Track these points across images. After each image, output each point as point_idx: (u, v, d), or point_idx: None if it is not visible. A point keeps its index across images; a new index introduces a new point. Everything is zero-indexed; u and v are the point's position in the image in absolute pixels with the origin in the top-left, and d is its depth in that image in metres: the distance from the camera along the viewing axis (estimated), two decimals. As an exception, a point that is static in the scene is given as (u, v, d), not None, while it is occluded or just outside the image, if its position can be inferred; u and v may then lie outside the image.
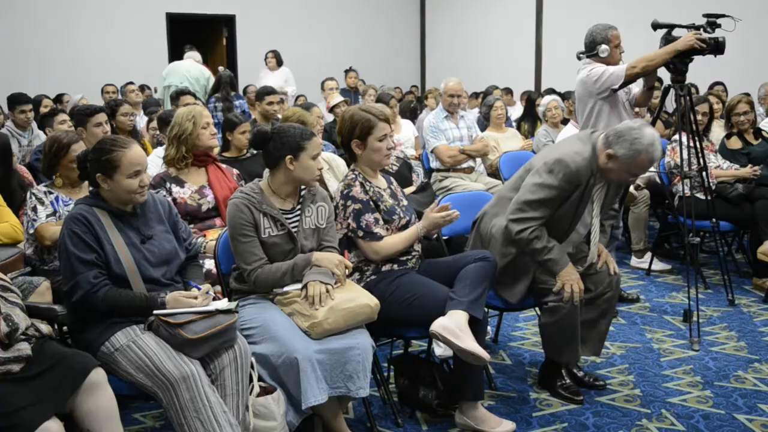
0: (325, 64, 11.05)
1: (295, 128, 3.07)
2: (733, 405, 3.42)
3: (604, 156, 3.28)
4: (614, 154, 3.24)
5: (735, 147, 5.60)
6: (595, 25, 4.62)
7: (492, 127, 6.71)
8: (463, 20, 13.09)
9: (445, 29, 13.57)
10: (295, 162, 2.99)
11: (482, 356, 2.94)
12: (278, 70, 9.88)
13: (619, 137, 3.24)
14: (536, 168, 3.38)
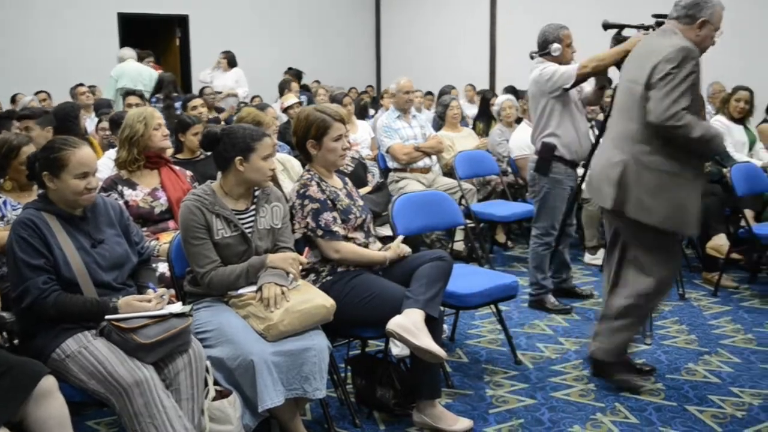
0: (280, 64, 10.99)
1: (245, 129, 3.05)
2: (684, 397, 3.49)
3: (696, 29, 3.29)
4: (706, 19, 3.28)
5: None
6: (547, 25, 4.67)
7: (447, 126, 6.75)
8: (417, 20, 13.14)
9: (400, 29, 13.60)
10: (245, 163, 2.98)
11: (439, 354, 2.96)
12: (230, 71, 9.81)
13: (691, 6, 3.29)
14: (656, 68, 3.19)
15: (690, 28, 3.33)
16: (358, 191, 3.58)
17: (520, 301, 4.81)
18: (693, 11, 3.32)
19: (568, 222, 4.79)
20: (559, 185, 4.56)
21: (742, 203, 5.21)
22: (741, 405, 3.40)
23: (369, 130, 6.65)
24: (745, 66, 8.05)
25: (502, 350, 4.07)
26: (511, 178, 6.48)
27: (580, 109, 4.66)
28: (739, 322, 4.51)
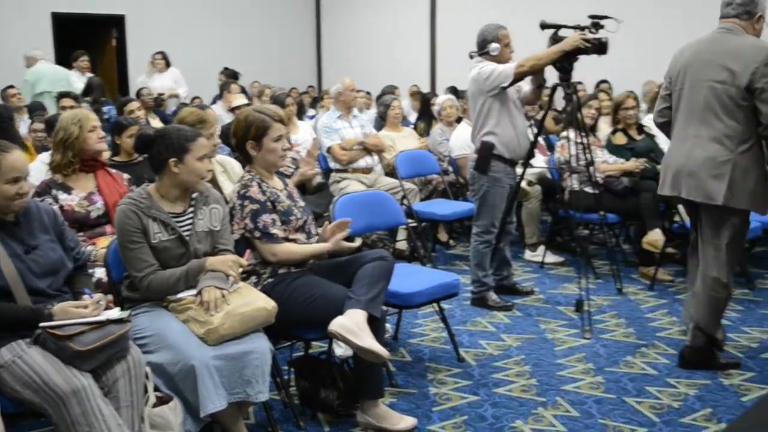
0: (219, 64, 10.87)
1: (179, 130, 3.02)
2: (623, 389, 3.56)
3: (754, 23, 3.54)
4: (762, 14, 3.55)
5: (620, 142, 5.82)
6: (486, 25, 4.72)
7: (388, 126, 6.76)
8: (358, 20, 13.15)
9: (341, 29, 13.60)
10: (179, 164, 2.93)
11: (381, 354, 2.96)
12: (167, 72, 9.67)
13: (748, 2, 3.52)
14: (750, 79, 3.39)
15: (749, 24, 3.54)
16: (299, 192, 3.57)
17: (463, 299, 4.85)
18: (750, 7, 3.54)
19: (508, 220, 4.85)
20: (498, 183, 4.61)
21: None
22: (677, 395, 3.49)
23: (310, 131, 6.63)
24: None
25: (446, 348, 4.10)
26: (452, 177, 6.53)
27: (519, 108, 4.72)
28: (674, 315, 4.63)
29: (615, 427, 3.18)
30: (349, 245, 3.27)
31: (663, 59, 8.66)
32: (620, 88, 7.38)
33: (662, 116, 3.91)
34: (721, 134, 3.51)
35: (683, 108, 3.69)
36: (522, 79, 4.54)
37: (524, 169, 4.79)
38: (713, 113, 3.53)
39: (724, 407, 3.36)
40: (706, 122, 3.57)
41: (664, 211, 5.59)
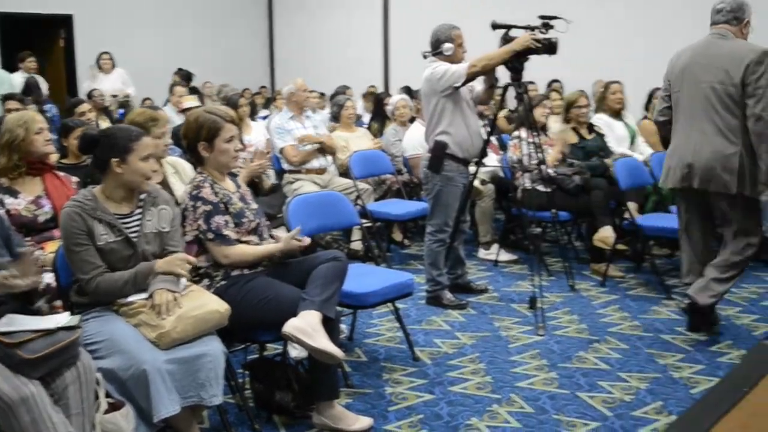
0: (170, 65, 10.74)
1: (123, 129, 2.98)
2: (576, 384, 3.61)
3: (742, 28, 3.99)
4: (749, 20, 4.00)
5: (571, 141, 5.90)
6: (439, 25, 4.75)
7: (342, 126, 6.75)
8: (311, 20, 13.11)
9: (294, 29, 13.53)
10: (123, 165, 2.88)
11: (336, 354, 2.96)
12: (114, 73, 9.53)
13: (736, 9, 3.97)
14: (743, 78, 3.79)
15: (738, 29, 3.99)
16: (252, 194, 3.54)
17: (418, 298, 4.87)
18: (738, 14, 3.99)
19: (462, 219, 4.88)
20: (451, 182, 4.64)
21: (626, 196, 5.44)
22: (629, 389, 3.55)
23: (263, 131, 6.58)
24: (620, 63, 8.43)
25: (401, 347, 4.11)
26: (406, 177, 6.55)
27: (472, 107, 4.75)
28: (626, 310, 4.71)
29: (568, 422, 3.22)
30: (301, 245, 3.26)
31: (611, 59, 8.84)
32: (571, 88, 7.49)
33: (663, 115, 4.27)
34: (724, 129, 3.89)
35: (685, 108, 4.06)
36: (474, 79, 4.57)
37: (477, 168, 4.83)
38: (715, 111, 3.90)
39: (674, 400, 3.43)
40: (709, 119, 3.93)
41: (614, 209, 5.69)
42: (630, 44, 8.97)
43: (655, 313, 4.66)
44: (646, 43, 8.87)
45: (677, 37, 8.65)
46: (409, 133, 6.46)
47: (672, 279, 5.33)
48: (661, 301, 4.87)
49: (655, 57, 8.63)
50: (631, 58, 8.69)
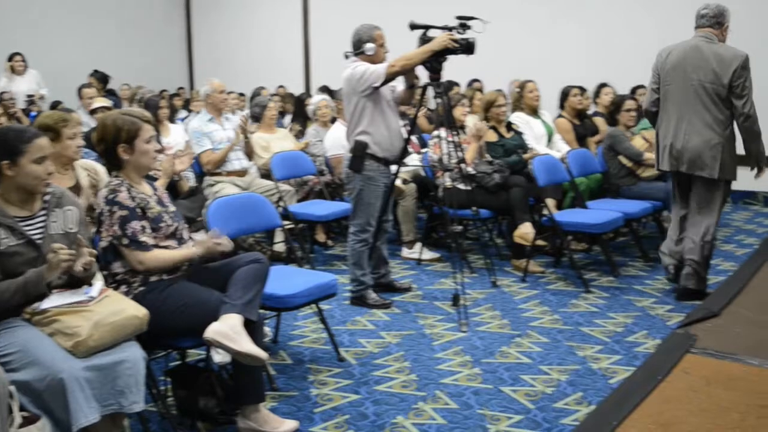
0: (85, 67, 10.43)
1: (15, 131, 2.88)
2: (499, 379, 3.66)
3: (723, 31, 4.55)
4: (727, 24, 4.54)
5: (491, 140, 5.99)
6: (361, 25, 4.75)
7: (263, 127, 6.68)
8: (230, 20, 12.92)
9: (212, 29, 13.31)
10: (13, 167, 2.77)
11: (260, 357, 2.93)
12: (26, 74, 9.23)
13: (718, 15, 4.51)
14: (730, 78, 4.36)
15: (720, 32, 4.53)
16: (170, 197, 3.47)
17: (342, 298, 4.86)
18: (719, 19, 4.53)
19: (384, 218, 4.89)
20: (373, 182, 4.65)
21: (544, 193, 5.55)
22: (550, 382, 3.62)
23: (182, 133, 6.47)
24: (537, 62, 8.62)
25: (326, 349, 4.10)
26: (328, 177, 6.53)
27: (393, 107, 4.77)
28: (546, 305, 4.80)
29: (493, 416, 3.27)
30: (221, 248, 3.21)
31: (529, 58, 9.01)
32: (489, 87, 7.61)
33: (654, 106, 4.76)
34: (711, 122, 4.47)
35: (675, 101, 4.60)
36: (394, 79, 4.59)
37: (398, 167, 4.85)
38: (704, 106, 4.47)
39: (594, 390, 3.51)
40: (698, 113, 4.49)
41: (533, 206, 5.81)
42: (548, 42, 9.19)
43: (574, 306, 4.77)
44: (559, 44, 9.11)
45: (589, 38, 9.00)
46: (330, 133, 6.45)
47: (590, 273, 5.48)
48: (580, 295, 4.99)
49: (567, 57, 8.94)
50: (544, 58, 8.89)
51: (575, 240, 6.05)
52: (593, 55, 8.81)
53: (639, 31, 8.65)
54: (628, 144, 6.00)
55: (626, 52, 8.62)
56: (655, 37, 8.45)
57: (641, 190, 5.94)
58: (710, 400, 2.79)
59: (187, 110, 9.86)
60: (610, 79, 7.72)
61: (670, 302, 4.81)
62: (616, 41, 8.79)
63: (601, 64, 8.47)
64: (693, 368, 3.10)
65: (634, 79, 7.95)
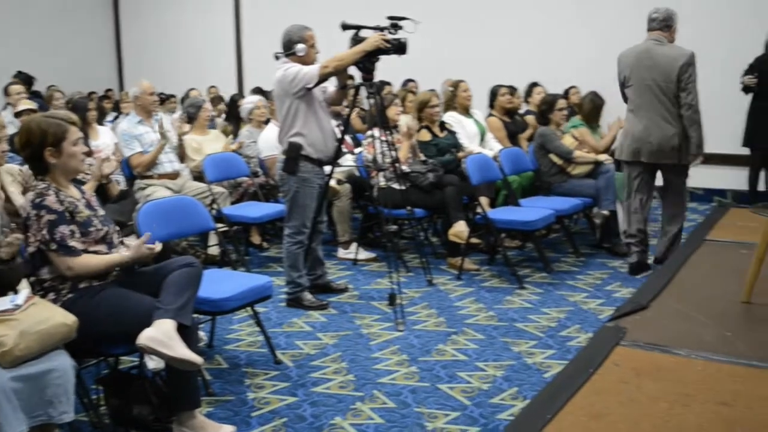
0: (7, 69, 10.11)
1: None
2: (436, 376, 3.69)
3: (672, 37, 5.07)
4: (674, 26, 5.08)
5: (425, 139, 6.03)
6: (291, 26, 4.72)
7: (195, 129, 6.57)
8: (160, 20, 12.66)
9: (142, 29, 13.03)
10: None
11: (195, 361, 2.88)
12: None
13: (667, 18, 5.03)
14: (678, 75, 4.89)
15: (669, 34, 5.06)
16: (99, 200, 3.40)
17: (278, 300, 4.83)
18: (668, 22, 5.06)
19: (319, 219, 4.88)
20: (307, 184, 4.63)
21: (478, 191, 5.62)
22: (486, 378, 3.67)
23: (111, 136, 6.33)
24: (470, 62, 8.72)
25: (262, 352, 4.07)
26: (262, 178, 6.48)
27: (325, 108, 4.76)
28: (481, 302, 4.86)
29: (430, 414, 3.29)
30: (152, 252, 3.15)
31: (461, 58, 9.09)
32: (423, 87, 7.66)
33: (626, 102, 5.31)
34: (668, 116, 4.99)
35: (635, 99, 5.14)
36: (327, 80, 4.59)
37: (332, 168, 4.84)
38: (660, 102, 5.00)
39: (529, 384, 3.57)
40: (656, 109, 5.03)
41: (467, 204, 5.87)
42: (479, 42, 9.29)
43: (509, 303, 4.84)
44: (492, 43, 9.23)
45: (519, 38, 9.13)
46: (264, 134, 6.40)
47: (524, 269, 5.57)
48: (515, 291, 5.07)
49: (499, 56, 9.06)
50: (476, 57, 9.00)
51: (509, 237, 6.13)
52: (525, 56, 8.94)
53: (571, 32, 8.83)
54: (558, 142, 6.12)
55: (559, 52, 8.79)
56: (587, 39, 8.71)
57: (572, 188, 6.07)
58: (639, 390, 2.87)
59: (117, 112, 9.66)
60: (543, 79, 7.88)
61: (602, 296, 4.93)
62: (548, 42, 8.94)
63: (534, 64, 8.61)
64: (623, 360, 3.18)
65: (566, 80, 8.13)
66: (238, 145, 6.65)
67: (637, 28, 6.19)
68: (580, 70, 8.35)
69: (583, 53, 8.65)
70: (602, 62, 8.41)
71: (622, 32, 8.43)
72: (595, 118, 6.57)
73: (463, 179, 5.63)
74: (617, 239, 6.00)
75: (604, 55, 8.49)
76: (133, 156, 5.65)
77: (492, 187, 6.08)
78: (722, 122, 7.27)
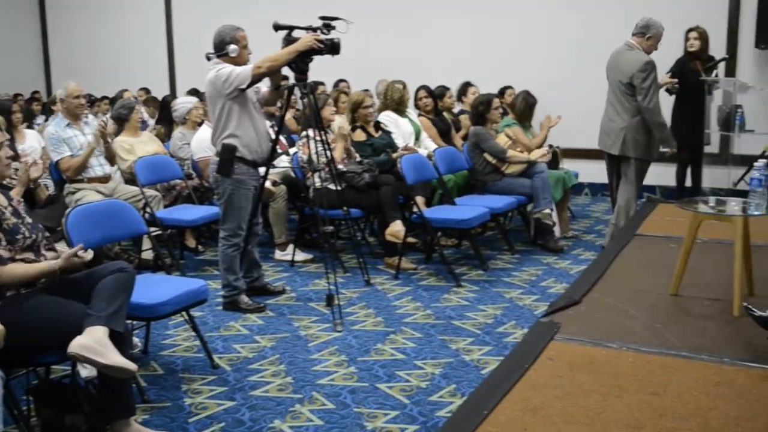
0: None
1: None
2: (375, 376, 3.70)
3: (646, 43, 5.52)
4: (652, 35, 5.51)
5: (360, 139, 6.05)
6: (223, 26, 4.67)
7: (127, 131, 6.44)
8: (89, 19, 12.32)
9: (71, 29, 12.66)
10: None
11: (129, 368, 2.83)
12: None
13: (647, 27, 5.51)
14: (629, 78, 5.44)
15: (642, 40, 5.54)
16: (27, 207, 3.31)
17: (215, 304, 4.78)
18: (644, 30, 5.54)
19: (255, 221, 4.84)
20: (242, 185, 4.59)
21: (414, 191, 5.65)
22: (425, 376, 3.69)
23: (38, 139, 6.16)
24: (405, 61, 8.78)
25: (199, 356, 4.01)
26: (196, 181, 6.40)
27: (258, 109, 4.73)
28: (418, 300, 4.89)
29: (369, 414, 3.29)
30: (82, 260, 3.08)
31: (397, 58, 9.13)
32: (356, 87, 7.67)
33: None
34: (620, 111, 5.58)
35: (608, 96, 5.76)
36: (260, 80, 4.55)
37: (267, 169, 4.81)
38: (617, 98, 5.61)
39: (467, 381, 3.61)
40: (613, 105, 5.66)
41: (403, 204, 5.90)
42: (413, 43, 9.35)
43: (446, 301, 4.88)
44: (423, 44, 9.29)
45: (452, 38, 9.22)
46: (197, 136, 6.31)
47: (460, 267, 5.62)
48: (452, 289, 5.11)
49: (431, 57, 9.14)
50: (412, 57, 9.05)
51: (445, 236, 6.19)
52: (458, 56, 9.01)
53: (504, 33, 8.94)
54: (492, 142, 6.20)
55: (492, 53, 8.89)
56: (519, 40, 8.85)
57: (506, 186, 6.17)
58: (573, 384, 2.93)
59: (46, 115, 9.41)
60: (477, 79, 7.98)
61: (537, 292, 5.01)
62: (482, 42, 9.02)
63: (467, 64, 8.70)
64: (557, 355, 3.24)
65: (501, 80, 8.24)
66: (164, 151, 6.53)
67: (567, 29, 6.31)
68: (512, 70, 8.49)
69: (516, 54, 8.78)
70: (534, 63, 8.63)
71: (551, 34, 8.67)
72: (527, 118, 6.68)
73: (398, 179, 5.66)
74: (551, 236, 6.11)
75: (534, 56, 8.71)
76: (62, 160, 5.51)
77: (428, 187, 6.13)
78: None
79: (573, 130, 7.90)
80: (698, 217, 4.05)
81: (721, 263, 4.41)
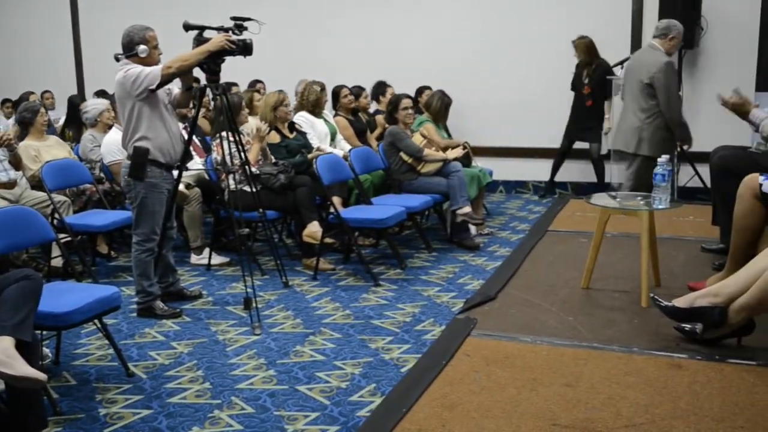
0: None
1: None
2: (295, 378, 3.68)
3: (668, 44, 5.84)
4: (674, 35, 5.84)
5: (274, 141, 6.00)
6: (132, 26, 4.56)
7: (32, 135, 6.22)
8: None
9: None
10: None
11: (38, 379, 2.74)
12: None
13: (668, 29, 5.84)
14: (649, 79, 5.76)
15: (665, 41, 5.84)
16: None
17: (129, 311, 4.67)
18: (665, 31, 5.85)
19: (169, 225, 4.75)
20: (156, 189, 4.50)
21: (330, 191, 5.65)
22: (345, 376, 3.69)
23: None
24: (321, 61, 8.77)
25: (113, 365, 3.91)
26: (107, 185, 6.24)
27: (171, 111, 4.64)
28: (337, 301, 4.89)
29: (290, 417, 3.28)
30: None
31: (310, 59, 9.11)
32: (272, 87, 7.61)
33: None
34: (637, 110, 5.90)
35: (625, 94, 6.15)
36: (170, 81, 4.47)
37: (180, 172, 4.73)
38: (634, 98, 5.92)
39: (387, 380, 3.62)
40: (628, 105, 6.03)
41: (320, 204, 5.90)
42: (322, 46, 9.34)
43: (365, 300, 4.90)
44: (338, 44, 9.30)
45: (367, 38, 9.26)
46: (107, 139, 6.14)
47: (378, 267, 5.65)
48: (370, 289, 5.13)
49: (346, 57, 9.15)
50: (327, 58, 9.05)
51: (362, 236, 6.21)
52: (374, 56, 9.04)
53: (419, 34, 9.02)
54: (408, 141, 6.25)
55: (407, 53, 8.96)
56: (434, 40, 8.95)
57: (422, 185, 6.23)
58: (489, 378, 2.99)
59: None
60: (393, 79, 8.03)
61: (454, 289, 5.07)
62: (398, 42, 9.08)
63: (382, 64, 8.72)
64: (474, 350, 3.31)
65: (416, 80, 8.32)
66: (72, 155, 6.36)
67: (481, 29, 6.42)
68: (428, 70, 8.57)
69: (430, 54, 8.87)
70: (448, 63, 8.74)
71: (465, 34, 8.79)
72: (443, 117, 6.77)
73: (314, 180, 5.64)
74: (467, 234, 6.21)
75: (449, 56, 8.83)
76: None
77: (344, 187, 6.14)
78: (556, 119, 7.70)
79: (487, 128, 8.05)
80: (606, 212, 4.19)
81: (629, 256, 4.58)
